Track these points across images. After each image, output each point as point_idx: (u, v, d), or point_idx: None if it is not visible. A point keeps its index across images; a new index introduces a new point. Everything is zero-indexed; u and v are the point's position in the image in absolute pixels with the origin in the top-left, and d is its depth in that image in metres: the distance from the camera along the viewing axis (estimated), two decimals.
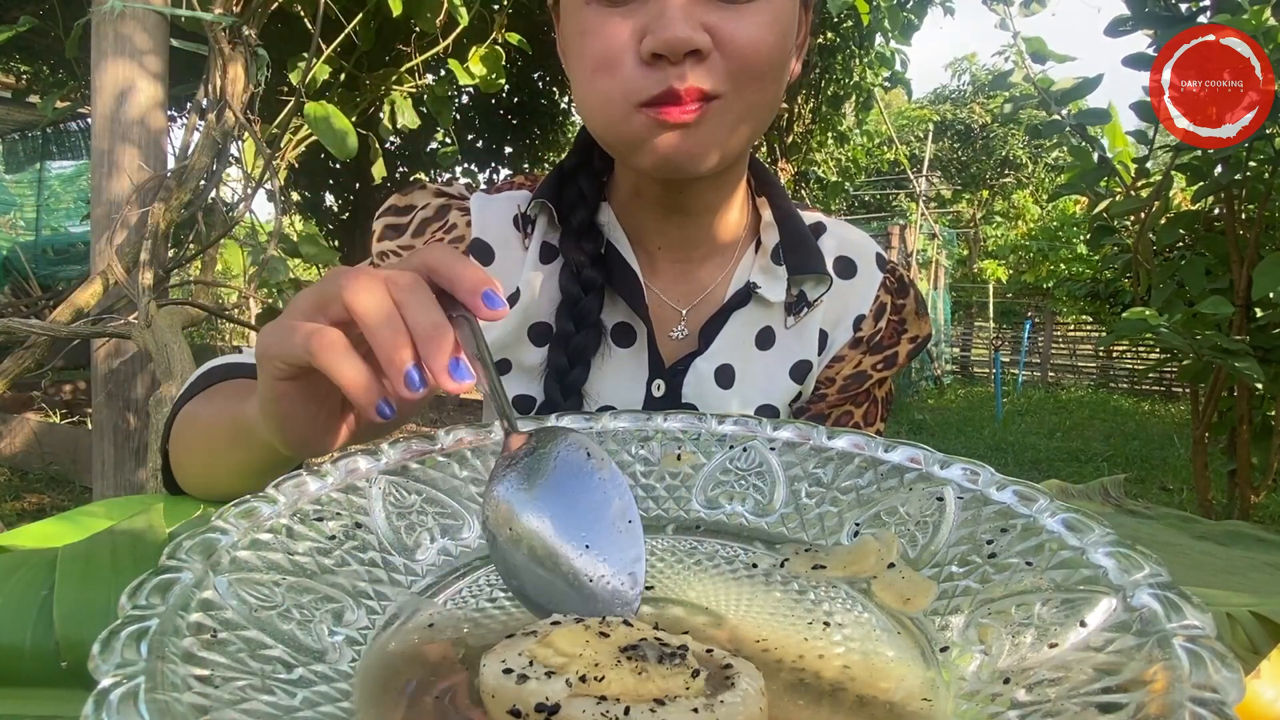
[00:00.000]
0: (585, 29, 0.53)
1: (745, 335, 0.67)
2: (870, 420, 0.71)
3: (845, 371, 0.69)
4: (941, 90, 18.42)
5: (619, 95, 0.52)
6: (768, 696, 0.27)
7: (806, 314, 0.67)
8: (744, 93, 0.53)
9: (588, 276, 0.63)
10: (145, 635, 0.23)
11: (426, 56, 2.72)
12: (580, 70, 0.55)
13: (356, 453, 0.41)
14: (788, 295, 0.66)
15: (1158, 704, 0.21)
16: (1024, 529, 0.34)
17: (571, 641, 0.28)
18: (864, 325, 0.69)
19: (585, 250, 0.63)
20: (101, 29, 1.74)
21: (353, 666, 0.29)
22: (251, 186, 2.07)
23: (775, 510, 0.43)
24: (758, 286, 0.65)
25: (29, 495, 3.45)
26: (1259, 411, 1.57)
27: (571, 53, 0.56)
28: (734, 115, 0.53)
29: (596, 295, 0.63)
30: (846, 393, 0.69)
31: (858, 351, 0.70)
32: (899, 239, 8.09)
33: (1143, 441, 6.03)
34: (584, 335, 0.63)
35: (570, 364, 0.63)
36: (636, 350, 0.66)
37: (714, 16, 0.50)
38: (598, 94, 0.54)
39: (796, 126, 5.03)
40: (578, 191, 0.64)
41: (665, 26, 0.49)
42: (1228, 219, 1.47)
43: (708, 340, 0.66)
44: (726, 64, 0.51)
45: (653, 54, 0.50)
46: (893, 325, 0.70)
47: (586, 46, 0.53)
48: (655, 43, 0.49)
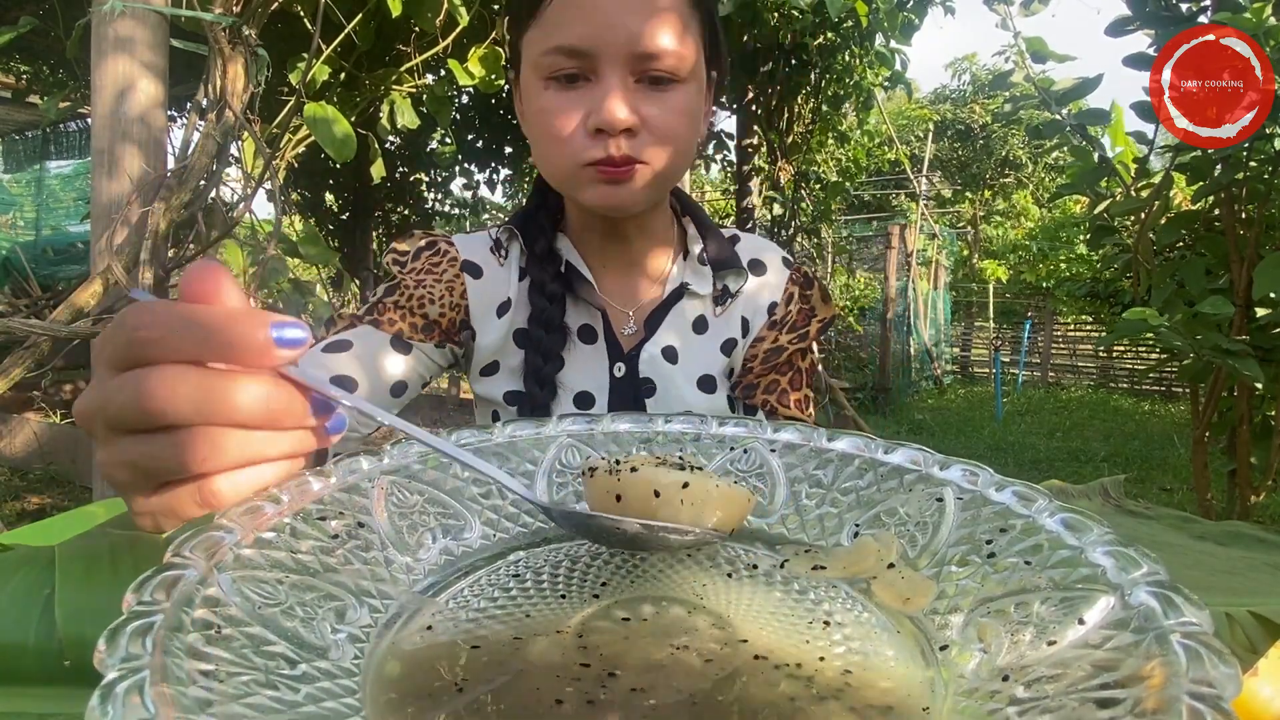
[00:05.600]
0: (544, 108, 0.68)
1: (684, 323, 0.83)
2: (796, 386, 0.85)
3: (765, 347, 0.85)
4: (941, 90, 18.43)
5: (569, 160, 0.68)
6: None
7: (730, 304, 0.84)
8: (662, 159, 0.69)
9: (550, 290, 0.79)
10: (150, 630, 0.23)
11: (426, 56, 2.72)
12: (540, 137, 0.70)
13: (359, 453, 0.41)
14: (714, 289, 0.83)
15: (1155, 699, 0.22)
16: (1023, 529, 0.34)
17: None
18: (777, 310, 0.86)
19: (547, 271, 0.79)
20: (101, 29, 1.74)
21: (355, 664, 0.29)
22: (251, 186, 2.07)
23: (775, 511, 0.44)
24: (689, 284, 0.82)
25: (29, 495, 3.45)
26: (1259, 411, 1.57)
27: (531, 123, 0.71)
28: (655, 175, 0.70)
29: (559, 304, 0.79)
30: (769, 364, 0.84)
31: (774, 331, 0.85)
32: (899, 239, 8.09)
33: (1143, 441, 6.03)
34: (551, 337, 0.78)
35: (544, 360, 0.78)
36: (598, 346, 0.81)
37: (642, 101, 0.67)
38: (554, 157, 0.70)
39: (796, 126, 5.03)
40: (538, 226, 0.81)
41: (607, 110, 0.65)
42: (1228, 219, 1.47)
43: (653, 329, 0.81)
44: (650, 138, 0.68)
45: (596, 129, 0.66)
46: (804, 311, 0.87)
47: (545, 122, 0.68)
48: (599, 121, 0.65)
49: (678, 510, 0.37)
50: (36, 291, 3.92)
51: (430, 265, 0.80)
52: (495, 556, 0.40)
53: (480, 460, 0.39)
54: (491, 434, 0.47)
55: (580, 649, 0.31)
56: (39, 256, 5.05)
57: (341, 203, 5.14)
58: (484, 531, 0.42)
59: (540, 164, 0.73)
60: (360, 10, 2.34)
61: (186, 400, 0.32)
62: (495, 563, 0.39)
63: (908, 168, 10.20)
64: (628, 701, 0.27)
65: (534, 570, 0.39)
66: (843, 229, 10.04)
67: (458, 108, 4.46)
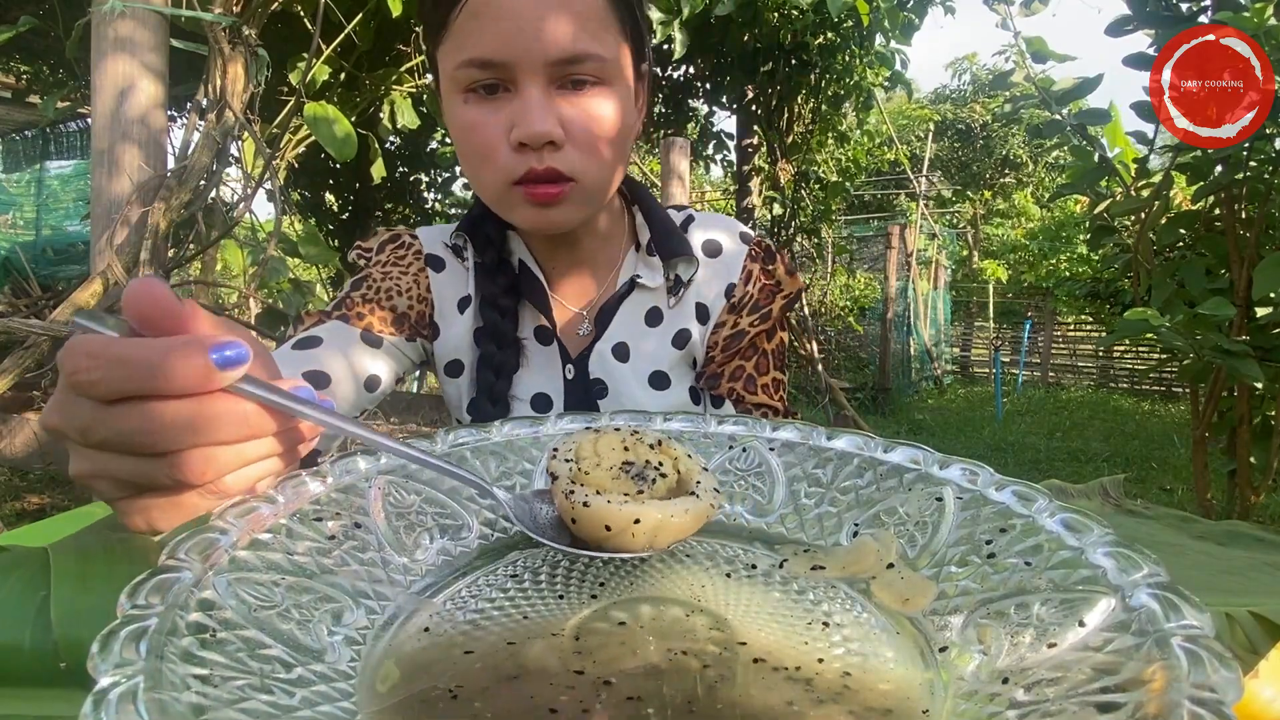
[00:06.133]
0: (465, 122, 0.65)
1: (636, 317, 0.80)
2: (763, 369, 0.81)
3: (725, 333, 0.80)
4: (942, 90, 18.42)
5: (497, 179, 0.66)
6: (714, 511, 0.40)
7: (684, 292, 0.80)
8: (593, 175, 0.67)
9: (503, 304, 0.77)
10: (144, 635, 0.23)
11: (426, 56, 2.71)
12: (465, 153, 0.68)
13: (356, 453, 0.41)
14: (666, 280, 0.79)
15: (1156, 703, 0.21)
16: (1023, 529, 0.34)
17: (604, 445, 0.42)
18: (735, 292, 0.81)
19: (499, 284, 0.77)
20: (101, 29, 1.74)
21: (351, 666, 0.29)
22: (251, 186, 2.07)
23: (774, 511, 0.44)
24: (639, 277, 0.79)
25: (29, 495, 3.45)
26: (1259, 411, 1.57)
27: (458, 142, 0.69)
28: (587, 192, 0.68)
29: (511, 319, 0.77)
30: (730, 350, 0.80)
31: (734, 315, 0.81)
32: (899, 239, 8.08)
33: (1143, 441, 6.03)
34: (504, 353, 0.76)
35: (495, 376, 0.76)
36: (553, 346, 0.79)
37: (565, 106, 0.64)
38: (481, 176, 0.67)
39: (796, 126, 5.02)
40: (485, 236, 0.78)
41: (528, 123, 0.62)
42: (1228, 219, 1.47)
43: (603, 326, 0.79)
44: (576, 151, 0.65)
45: (520, 143, 0.63)
46: (767, 288, 0.81)
47: (467, 138, 0.66)
48: (520, 134, 0.63)
49: (629, 541, 0.37)
50: (36, 291, 3.92)
51: (395, 258, 0.79)
52: (493, 557, 0.40)
53: (450, 464, 0.40)
54: (489, 433, 0.47)
55: (576, 654, 0.31)
56: (39, 256, 5.04)
57: (341, 203, 5.13)
58: (482, 532, 0.41)
59: (473, 185, 0.71)
60: (360, 10, 2.34)
61: (175, 433, 0.33)
62: (493, 563, 0.39)
63: (908, 168, 10.20)
64: (624, 710, 0.27)
65: (532, 570, 0.39)
66: (843, 229, 10.03)
67: None
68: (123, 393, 0.33)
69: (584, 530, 0.38)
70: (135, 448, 0.34)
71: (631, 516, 0.37)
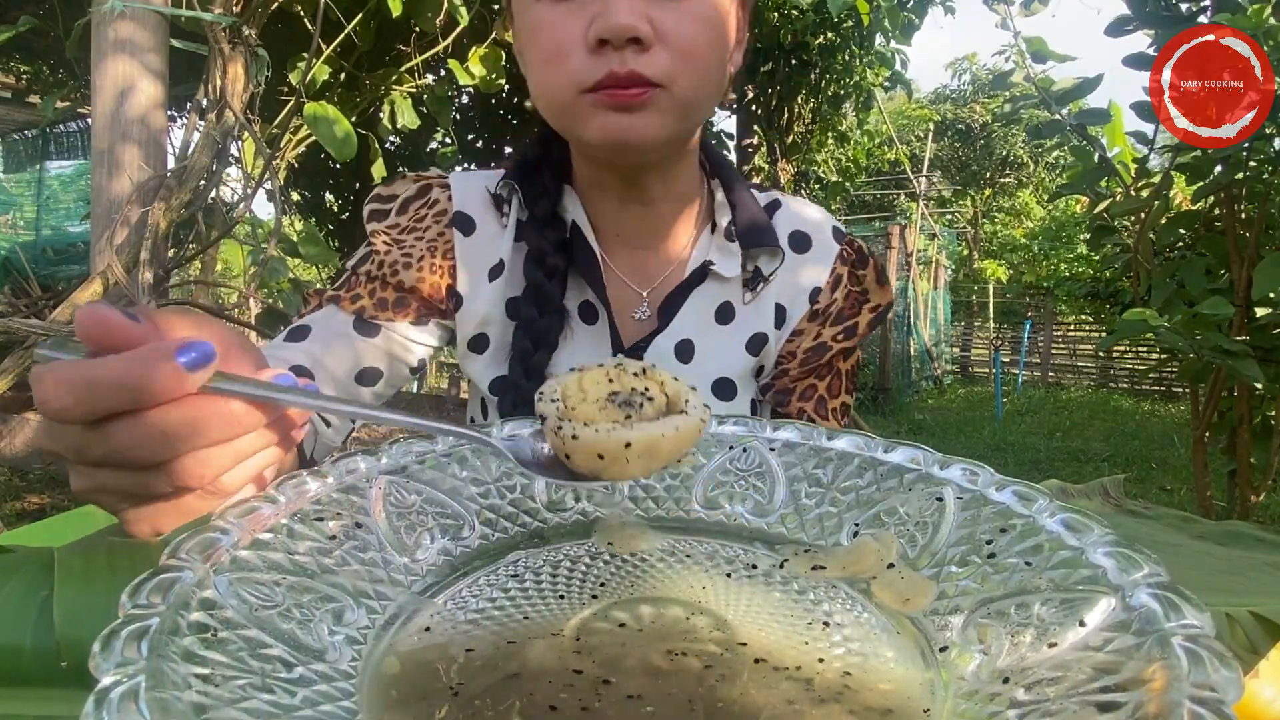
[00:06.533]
0: (536, 24, 0.57)
1: (705, 311, 0.69)
2: (834, 392, 0.72)
3: (805, 345, 0.71)
4: (942, 90, 18.43)
5: (567, 83, 0.56)
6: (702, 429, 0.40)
7: (763, 289, 0.70)
8: (684, 84, 0.56)
9: (551, 263, 0.65)
10: (146, 634, 0.23)
11: (426, 56, 2.72)
12: (534, 61, 0.58)
13: (357, 453, 0.41)
14: (743, 271, 0.69)
15: (1156, 703, 0.21)
16: (1023, 529, 0.34)
17: (589, 380, 0.41)
18: (821, 297, 0.71)
19: (549, 239, 0.66)
20: (101, 29, 1.74)
21: (353, 666, 0.29)
22: (251, 186, 2.07)
23: (775, 511, 0.44)
24: (713, 264, 0.68)
25: (29, 495, 3.44)
26: (1259, 411, 1.57)
27: (525, 47, 0.60)
28: (675, 104, 0.57)
29: (560, 281, 0.66)
30: (808, 366, 0.71)
31: (816, 324, 0.71)
32: (899, 239, 8.09)
33: (1143, 441, 6.03)
34: (547, 320, 0.65)
35: (534, 347, 0.65)
36: (599, 329, 0.68)
37: (656, 10, 0.54)
38: (549, 83, 0.57)
39: (796, 126, 5.03)
40: (540, 183, 0.67)
41: (610, 15, 0.53)
42: (1228, 219, 1.47)
43: (668, 318, 0.68)
44: (668, 55, 0.55)
45: (598, 40, 0.54)
46: (854, 296, 0.72)
47: (538, 40, 0.57)
48: (600, 28, 0.53)
49: (625, 467, 0.37)
50: (36, 291, 3.91)
51: (414, 221, 0.68)
52: (494, 556, 0.40)
53: (441, 424, 0.39)
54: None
55: (576, 653, 0.31)
56: (39, 256, 5.03)
57: (341, 203, 5.13)
58: (483, 531, 0.41)
59: (537, 98, 0.61)
60: (360, 10, 2.34)
61: (164, 443, 0.33)
62: (494, 563, 0.39)
63: (908, 168, 10.20)
64: (624, 709, 0.27)
65: (533, 570, 0.39)
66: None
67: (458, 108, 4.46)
68: (100, 414, 0.32)
69: (579, 463, 0.38)
70: (128, 462, 0.33)
71: (622, 441, 0.37)
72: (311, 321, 0.65)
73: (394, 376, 0.68)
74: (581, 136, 0.59)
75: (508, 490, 0.44)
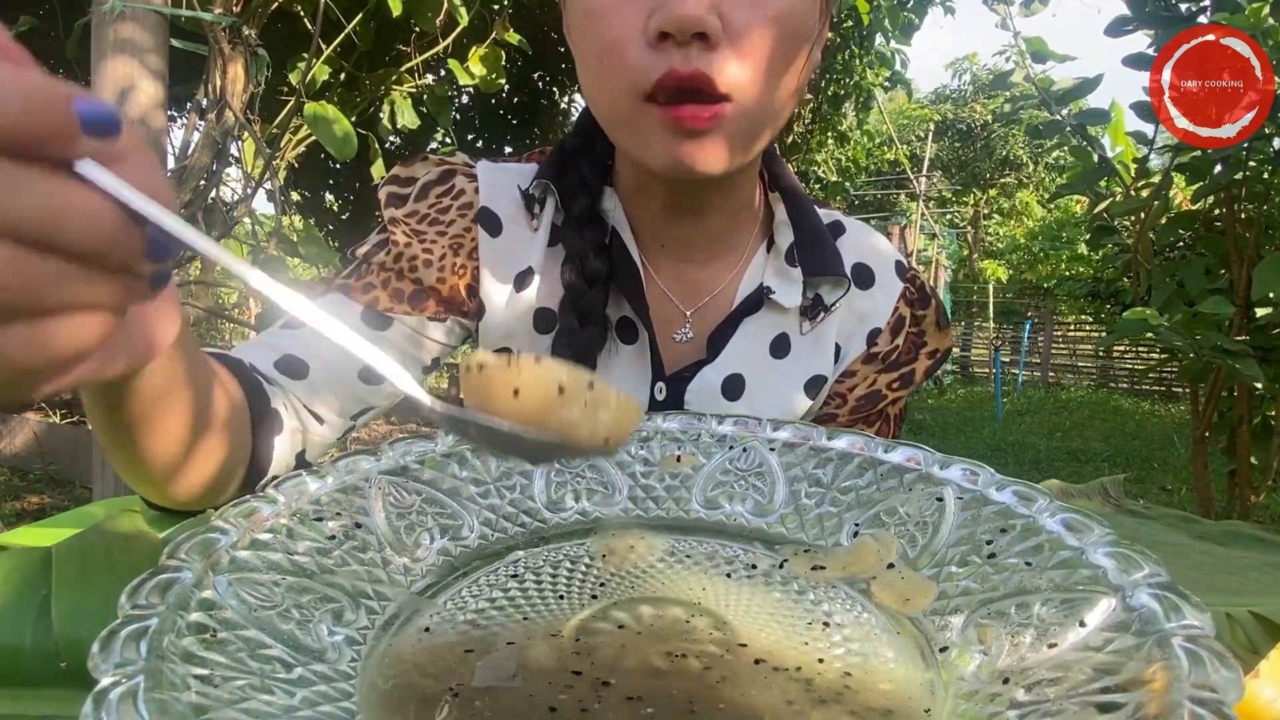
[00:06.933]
0: (589, 12, 0.50)
1: (759, 342, 0.63)
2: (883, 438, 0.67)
3: (859, 391, 0.65)
4: (942, 90, 18.43)
5: (626, 84, 0.50)
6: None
7: (823, 319, 0.63)
8: (754, 93, 0.50)
9: (592, 268, 0.59)
10: (145, 635, 0.23)
11: (426, 56, 2.72)
12: (587, 55, 0.52)
13: (356, 453, 0.41)
14: (803, 299, 0.62)
15: (1157, 704, 0.21)
16: (1023, 529, 0.34)
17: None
18: (880, 340, 0.65)
19: (589, 240, 0.59)
20: (101, 29, 1.74)
21: (352, 666, 0.29)
22: (251, 186, 2.07)
23: (775, 511, 0.44)
24: (771, 291, 0.61)
25: (29, 495, 3.44)
26: (1259, 411, 1.57)
27: (577, 37, 0.54)
28: (745, 121, 0.51)
29: (601, 289, 0.59)
30: (859, 413, 0.65)
31: (872, 369, 0.65)
32: (899, 239, 8.10)
33: (1143, 441, 6.03)
34: (587, 333, 0.59)
35: (575, 361, 0.59)
36: (640, 348, 0.62)
37: (726, 3, 0.48)
38: (604, 84, 0.51)
39: (796, 126, 5.03)
40: (579, 177, 0.61)
41: (674, 4, 0.46)
42: (1228, 219, 1.47)
43: (716, 349, 0.62)
44: (736, 57, 0.48)
45: (659, 33, 0.47)
46: (910, 339, 0.66)
47: (590, 31, 0.51)
48: (662, 19, 0.47)
49: (579, 412, 0.30)
50: None
51: (437, 211, 0.61)
52: (493, 556, 0.40)
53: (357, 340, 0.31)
54: None
55: (576, 654, 0.31)
56: None
57: (341, 203, 5.13)
58: (482, 531, 0.41)
59: (591, 103, 0.55)
60: (360, 10, 2.34)
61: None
62: (493, 563, 0.39)
63: (908, 168, 10.20)
64: (624, 710, 0.27)
65: (533, 570, 0.39)
66: None
67: (458, 108, 4.46)
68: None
69: (528, 400, 0.29)
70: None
71: (586, 379, 0.30)
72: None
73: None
74: (640, 159, 0.53)
75: (507, 490, 0.44)
